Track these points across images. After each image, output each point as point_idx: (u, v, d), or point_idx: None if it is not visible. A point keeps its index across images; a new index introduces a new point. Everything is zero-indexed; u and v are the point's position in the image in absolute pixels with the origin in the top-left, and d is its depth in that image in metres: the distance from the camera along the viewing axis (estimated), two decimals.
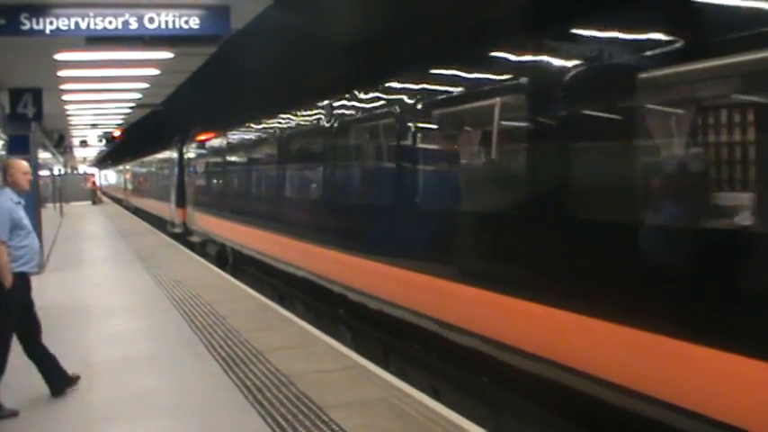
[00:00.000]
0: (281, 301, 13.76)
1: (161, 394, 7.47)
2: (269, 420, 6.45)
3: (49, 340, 7.54)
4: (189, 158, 24.22)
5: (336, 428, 6.19)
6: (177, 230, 25.81)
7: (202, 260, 18.61)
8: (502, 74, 6.78)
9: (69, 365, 7.64)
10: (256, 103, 18.11)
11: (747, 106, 4.82)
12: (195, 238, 22.94)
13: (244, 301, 12.44)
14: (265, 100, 18.52)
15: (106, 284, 15.05)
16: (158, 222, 31.20)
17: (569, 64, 5.85)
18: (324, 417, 6.47)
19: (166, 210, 28.34)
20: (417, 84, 8.28)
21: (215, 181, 20.29)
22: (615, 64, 5.40)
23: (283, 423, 6.36)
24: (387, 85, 8.96)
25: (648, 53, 5.08)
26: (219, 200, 19.12)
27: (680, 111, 5.28)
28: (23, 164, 7.45)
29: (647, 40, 5.14)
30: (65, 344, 9.04)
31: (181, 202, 24.80)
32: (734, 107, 4.94)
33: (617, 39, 5.49)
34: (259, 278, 16.06)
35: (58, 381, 7.51)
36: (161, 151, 31.19)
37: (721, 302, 4.62)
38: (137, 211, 41.67)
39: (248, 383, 7.54)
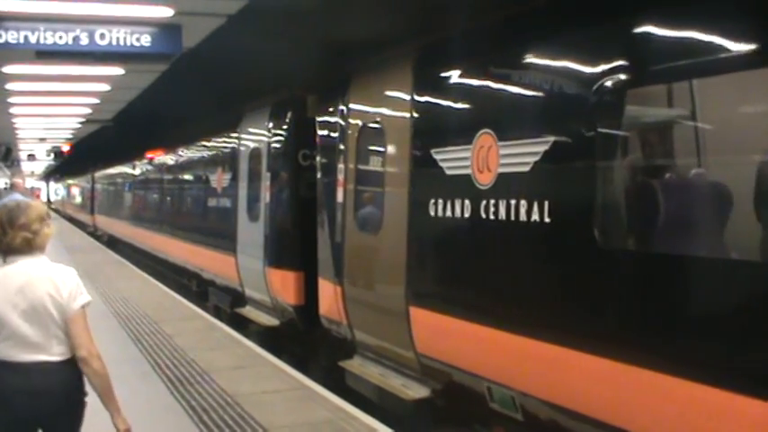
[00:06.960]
0: None
1: (104, 413, 7.37)
2: None
3: None
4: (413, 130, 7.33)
5: None
6: (261, 318, 11.78)
7: (150, 278, 18.39)
8: None
9: None
10: None
11: None
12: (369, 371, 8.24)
13: (191, 320, 12.33)
14: None
15: None
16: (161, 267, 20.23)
17: None
18: None
19: (215, 263, 13.94)
20: None
21: None
22: None
23: None
24: None
25: None
26: None
27: None
28: None
29: None
30: None
31: (303, 262, 10.23)
32: None
33: None
34: None
35: None
36: (203, 138, 16.09)
37: None
38: (112, 242, 28.97)
39: (193, 404, 7.49)
